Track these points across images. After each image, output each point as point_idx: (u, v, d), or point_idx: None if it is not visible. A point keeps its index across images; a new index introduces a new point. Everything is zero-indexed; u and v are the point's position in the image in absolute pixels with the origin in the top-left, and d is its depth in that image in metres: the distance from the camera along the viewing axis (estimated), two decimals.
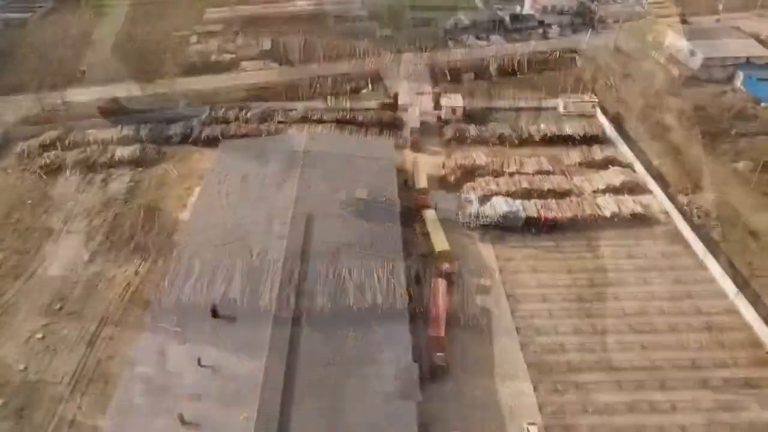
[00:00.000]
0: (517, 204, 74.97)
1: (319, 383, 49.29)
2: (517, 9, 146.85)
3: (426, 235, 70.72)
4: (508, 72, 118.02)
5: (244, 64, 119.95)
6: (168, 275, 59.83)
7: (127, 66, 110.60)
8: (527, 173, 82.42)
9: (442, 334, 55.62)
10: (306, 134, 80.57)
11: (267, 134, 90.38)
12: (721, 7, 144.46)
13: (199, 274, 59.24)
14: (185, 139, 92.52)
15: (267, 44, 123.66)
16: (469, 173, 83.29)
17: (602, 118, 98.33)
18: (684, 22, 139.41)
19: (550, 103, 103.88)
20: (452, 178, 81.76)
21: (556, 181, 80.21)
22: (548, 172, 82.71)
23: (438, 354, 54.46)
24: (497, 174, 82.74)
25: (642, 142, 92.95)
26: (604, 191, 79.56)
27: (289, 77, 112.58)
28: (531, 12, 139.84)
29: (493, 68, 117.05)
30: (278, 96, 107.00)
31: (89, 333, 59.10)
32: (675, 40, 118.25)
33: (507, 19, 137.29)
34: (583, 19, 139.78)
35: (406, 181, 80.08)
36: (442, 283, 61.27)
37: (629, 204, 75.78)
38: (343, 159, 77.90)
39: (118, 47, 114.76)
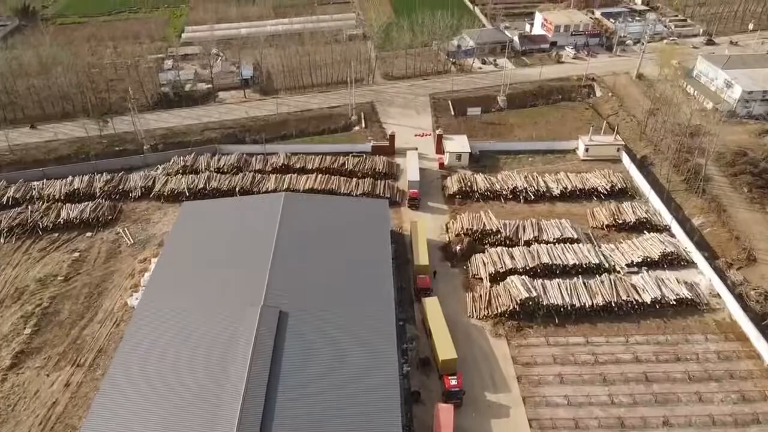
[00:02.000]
0: (537, 285, 62.04)
1: None
2: (527, 28, 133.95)
3: (427, 328, 57.82)
4: (519, 103, 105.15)
5: (222, 95, 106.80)
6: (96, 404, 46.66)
7: (86, 100, 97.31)
8: (547, 241, 69.40)
9: None
10: (284, 196, 67.52)
11: (241, 190, 77.48)
12: (751, 26, 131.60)
13: (136, 403, 46.12)
14: (147, 192, 79.47)
15: (248, 71, 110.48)
16: (479, 240, 70.31)
17: (630, 165, 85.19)
18: (710, 42, 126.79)
19: (569, 143, 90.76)
20: (458, 249, 68.63)
21: (583, 253, 67.09)
22: (572, 240, 69.63)
23: None
24: (511, 242, 69.71)
25: (678, 194, 79.80)
26: (640, 265, 66.59)
27: (272, 112, 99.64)
28: (542, 32, 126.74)
29: (501, 99, 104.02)
30: (258, 132, 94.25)
31: None
32: (707, 68, 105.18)
33: (516, 39, 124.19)
34: (600, 40, 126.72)
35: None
36: (447, 412, 48.23)
37: (673, 285, 62.72)
38: (327, 227, 64.82)
39: (80, 75, 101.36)
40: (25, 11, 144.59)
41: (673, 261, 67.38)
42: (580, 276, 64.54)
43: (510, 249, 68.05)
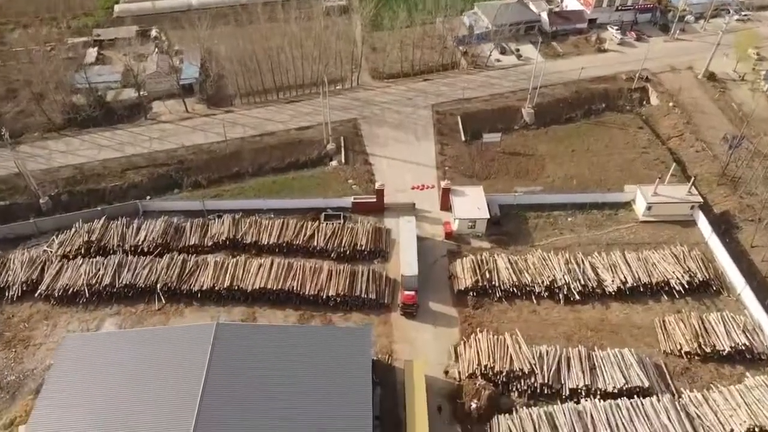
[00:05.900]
0: None
1: None
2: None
3: None
4: (551, 116, 79.28)
5: (156, 107, 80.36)
6: None
7: None
8: (604, 392, 47.19)
9: None
10: (214, 329, 44.80)
11: (164, 288, 54.35)
12: None
13: None
14: (32, 288, 56.04)
15: (194, 71, 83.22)
16: (504, 384, 48.12)
17: (710, 235, 60.88)
18: None
19: (622, 195, 66.25)
20: (474, 407, 46.48)
21: (660, 419, 44.80)
22: (642, 391, 47.29)
23: None
24: (551, 392, 47.47)
25: None
26: None
27: (220, 136, 74.00)
28: (578, 7, 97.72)
29: (527, 112, 78.33)
30: (201, 171, 69.87)
31: None
32: None
33: (544, 17, 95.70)
34: (652, 17, 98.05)
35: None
36: None
37: None
38: (276, 379, 42.42)
39: None
40: None
41: None
42: None
43: (550, 408, 45.99)
